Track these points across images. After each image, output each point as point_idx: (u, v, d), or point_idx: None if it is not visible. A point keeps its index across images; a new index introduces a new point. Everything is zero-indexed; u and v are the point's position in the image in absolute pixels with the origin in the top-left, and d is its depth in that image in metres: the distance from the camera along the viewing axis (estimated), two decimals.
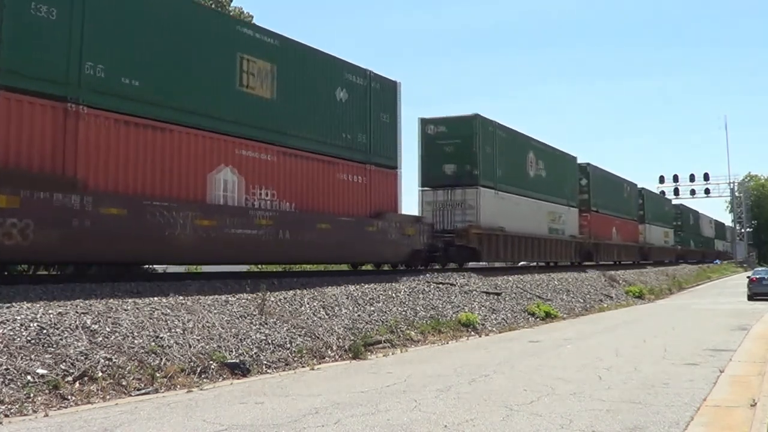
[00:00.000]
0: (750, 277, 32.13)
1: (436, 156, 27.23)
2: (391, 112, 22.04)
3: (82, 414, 7.98)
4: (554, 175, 35.24)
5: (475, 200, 26.68)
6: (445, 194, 27.01)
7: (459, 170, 26.95)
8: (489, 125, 28.41)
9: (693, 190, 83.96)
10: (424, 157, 27.66)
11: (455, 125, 27.46)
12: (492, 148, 28.12)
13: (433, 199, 27.06)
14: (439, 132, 27.54)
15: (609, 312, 25.58)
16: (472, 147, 26.99)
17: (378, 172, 20.90)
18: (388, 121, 21.69)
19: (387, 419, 7.78)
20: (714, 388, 9.88)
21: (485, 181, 27.31)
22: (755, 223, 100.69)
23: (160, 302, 11.85)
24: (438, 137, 27.48)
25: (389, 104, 21.95)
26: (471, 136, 27.16)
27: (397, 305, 16.96)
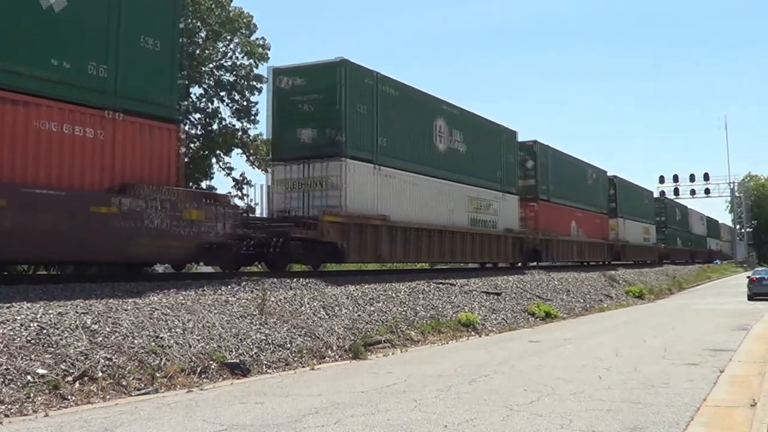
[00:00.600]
0: (750, 277, 32.12)
1: (291, 118, 20.49)
2: (164, 34, 15.10)
3: (82, 414, 7.98)
4: (480, 151, 27.82)
5: (339, 177, 19.48)
6: (302, 169, 20.07)
7: (319, 137, 19.94)
8: (365, 76, 20.87)
9: (693, 190, 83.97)
10: (276, 120, 21.19)
11: (316, 75, 20.46)
12: (370, 108, 20.80)
13: (286, 176, 20.31)
14: (296, 86, 20.52)
15: (609, 312, 25.57)
16: (335, 104, 19.77)
17: (131, 123, 14.28)
18: (157, 48, 14.85)
19: (387, 419, 7.78)
20: (714, 388, 9.87)
21: (357, 152, 20.25)
22: (755, 223, 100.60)
23: (160, 302, 11.86)
24: (293, 92, 20.52)
25: (159, 20, 15.04)
26: (335, 89, 19.82)
27: (397, 305, 16.96)
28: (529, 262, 33.09)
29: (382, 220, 20.97)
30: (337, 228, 19.29)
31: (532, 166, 34.13)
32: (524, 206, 32.62)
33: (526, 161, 33.91)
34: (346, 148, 19.76)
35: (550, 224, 34.67)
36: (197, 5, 25.01)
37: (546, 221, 34.32)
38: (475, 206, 27.38)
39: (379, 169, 21.22)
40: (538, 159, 34.40)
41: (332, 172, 19.58)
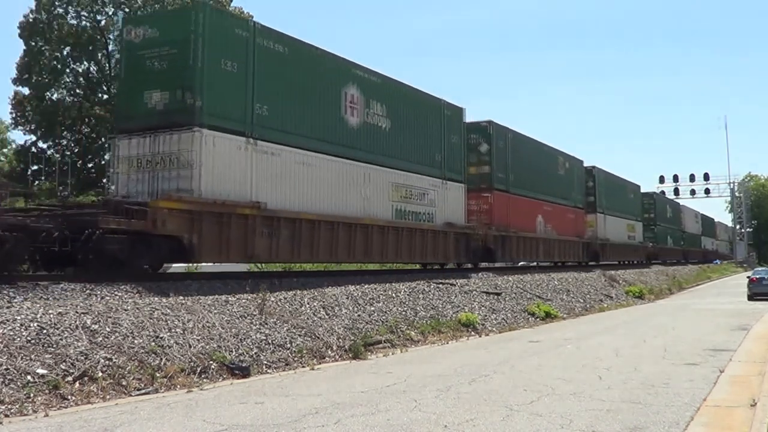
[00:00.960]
0: (750, 277, 32.12)
1: (140, 78, 16.06)
2: None
3: (82, 414, 7.99)
4: (412, 130, 22.80)
5: (190, 152, 15.11)
6: (148, 143, 15.71)
7: (171, 101, 15.57)
8: (235, 25, 16.75)
9: (693, 190, 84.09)
10: (123, 81, 17.29)
11: (169, 24, 16.51)
12: (243, 66, 16.32)
13: (130, 152, 15.84)
14: (147, 38, 16.18)
15: (609, 312, 25.58)
16: (189, 59, 15.40)
17: None
18: None
19: (387, 419, 7.78)
20: (714, 388, 9.87)
21: (220, 121, 15.68)
22: (755, 223, 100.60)
23: (160, 302, 11.86)
24: (144, 46, 16.12)
25: None
26: (189, 40, 15.46)
27: (397, 305, 16.96)
28: (482, 262, 28.10)
29: (254, 209, 16.23)
30: (182, 218, 14.73)
31: (486, 150, 28.21)
32: (476, 197, 27.50)
33: (479, 145, 28.13)
34: (202, 116, 15.25)
35: (508, 219, 29.18)
36: None
37: (503, 215, 28.84)
38: (402, 195, 22.07)
39: (255, 144, 16.50)
40: (493, 142, 28.62)
41: (183, 145, 15.20)
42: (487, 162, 28.52)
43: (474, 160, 28.02)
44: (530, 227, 31.97)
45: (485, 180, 28.32)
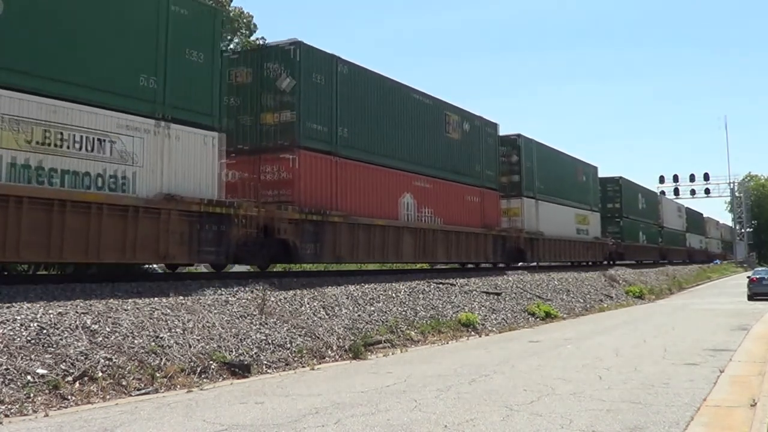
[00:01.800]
0: (750, 277, 32.11)
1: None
2: None
3: (82, 414, 7.98)
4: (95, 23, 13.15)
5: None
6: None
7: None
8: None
9: (693, 190, 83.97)
10: None
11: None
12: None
13: None
14: None
15: (609, 312, 25.57)
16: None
17: None
18: None
19: (387, 419, 7.77)
20: (714, 388, 9.87)
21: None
22: (755, 223, 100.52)
23: (160, 302, 11.86)
24: None
25: None
26: None
27: (397, 305, 16.96)
28: (276, 263, 19.67)
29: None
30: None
31: (290, 86, 17.88)
32: (274, 161, 17.85)
33: (279, 72, 18.00)
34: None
35: (328, 193, 18.74)
36: None
37: (318, 186, 18.35)
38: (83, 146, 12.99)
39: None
40: (302, 72, 17.99)
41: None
42: (291, 105, 17.95)
43: (274, 104, 18.25)
44: (389, 211, 21.26)
45: (286, 133, 17.85)
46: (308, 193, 18.05)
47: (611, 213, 47.16)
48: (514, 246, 30.02)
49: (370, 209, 20.36)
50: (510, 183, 31.10)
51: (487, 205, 28.09)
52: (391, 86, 22.16)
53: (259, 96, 18.09)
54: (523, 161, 31.82)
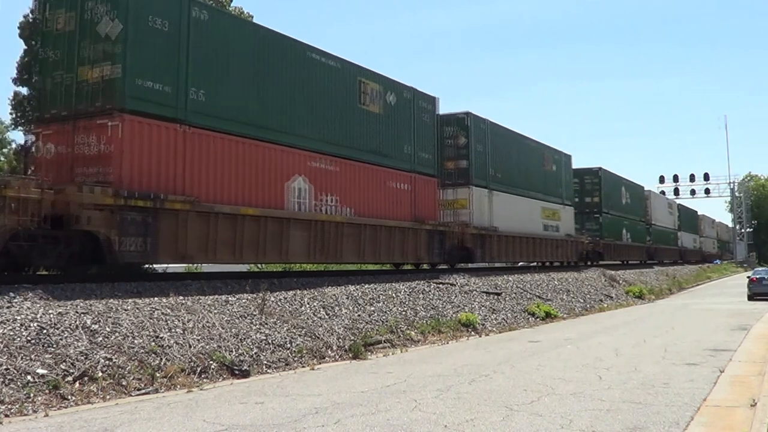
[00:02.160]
0: (750, 277, 32.11)
1: None
2: None
3: (82, 414, 7.99)
4: None
5: None
6: None
7: None
8: None
9: (693, 190, 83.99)
10: None
11: None
12: None
13: None
14: None
15: (609, 312, 25.57)
16: None
17: None
18: None
19: (387, 419, 7.77)
20: (714, 388, 9.87)
21: None
22: (755, 223, 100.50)
23: (160, 302, 11.86)
24: None
25: None
26: None
27: (397, 305, 16.96)
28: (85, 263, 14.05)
29: None
30: None
31: (114, 32, 13.69)
32: (91, 129, 13.79)
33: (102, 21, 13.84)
34: None
35: (172, 173, 14.43)
36: None
37: (154, 163, 14.12)
38: None
39: None
40: (128, 15, 13.77)
41: None
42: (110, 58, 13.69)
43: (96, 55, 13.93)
44: (273, 199, 16.79)
45: (108, 94, 13.59)
46: (138, 172, 13.76)
47: (589, 208, 42.77)
48: (457, 243, 24.78)
49: (238, 195, 15.84)
50: (457, 170, 26.15)
51: (421, 194, 22.87)
52: (274, 40, 17.38)
53: (79, 46, 14.13)
54: (472, 144, 26.44)
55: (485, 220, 26.79)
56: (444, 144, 25.72)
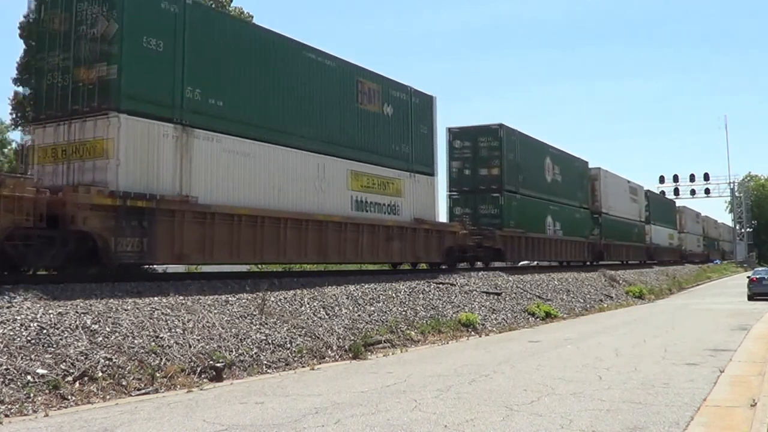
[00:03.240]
0: (750, 277, 32.12)
1: None
2: None
3: (82, 414, 7.99)
4: None
5: None
6: None
7: None
8: None
9: (693, 190, 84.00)
10: None
11: None
12: None
13: None
14: None
15: (609, 312, 25.58)
16: None
17: None
18: None
19: (387, 419, 7.78)
20: (714, 388, 9.87)
21: None
22: (755, 223, 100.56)
23: (160, 302, 11.86)
24: None
25: None
26: None
27: (397, 305, 16.96)
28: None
29: None
30: None
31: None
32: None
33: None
34: None
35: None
36: None
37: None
38: None
39: None
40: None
41: None
42: None
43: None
44: None
45: None
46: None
47: (486, 184, 29.43)
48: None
49: None
50: None
51: None
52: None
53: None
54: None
55: (164, 182, 14.44)
56: None
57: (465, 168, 29.95)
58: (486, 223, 28.80)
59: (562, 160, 36.77)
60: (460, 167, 29.94)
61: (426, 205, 23.62)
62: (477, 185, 29.78)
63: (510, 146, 30.31)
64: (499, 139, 29.83)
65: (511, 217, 29.95)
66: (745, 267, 77.37)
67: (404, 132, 22.94)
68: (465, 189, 29.95)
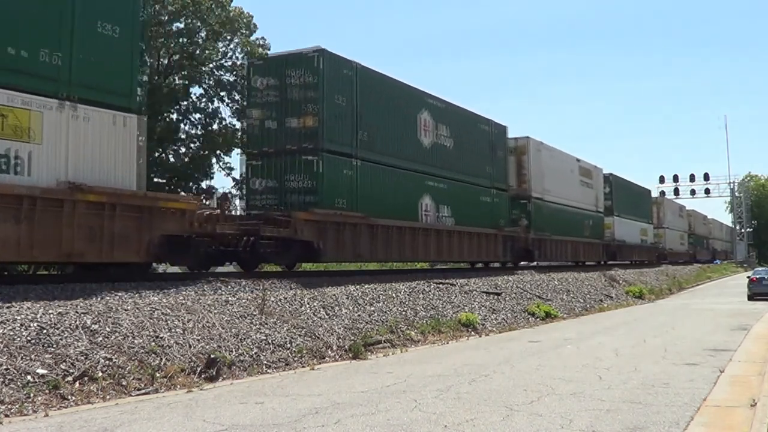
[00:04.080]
0: (750, 277, 32.11)
1: None
2: None
3: (82, 414, 7.98)
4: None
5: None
6: None
7: None
8: None
9: (693, 190, 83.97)
10: None
11: None
12: None
13: None
14: None
15: (609, 312, 25.56)
16: None
17: None
18: None
19: (387, 419, 7.77)
20: (714, 388, 9.87)
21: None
22: (755, 223, 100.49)
23: (160, 302, 11.86)
24: None
25: None
26: None
27: (397, 305, 16.95)
28: None
29: None
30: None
31: None
32: None
33: None
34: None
35: None
36: (197, 5, 25.01)
37: None
38: None
39: None
40: None
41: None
42: None
43: None
44: None
45: None
46: None
47: (295, 141, 19.43)
48: None
49: None
50: None
51: None
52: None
53: None
54: None
55: None
56: None
57: (269, 118, 19.83)
58: (296, 202, 18.96)
59: (454, 118, 25.92)
60: (262, 117, 19.96)
61: (107, 161, 13.53)
62: (284, 144, 19.47)
63: (337, 84, 19.75)
64: (318, 73, 19.15)
65: (338, 192, 19.50)
66: (745, 267, 77.33)
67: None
68: (268, 150, 19.80)
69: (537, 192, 32.70)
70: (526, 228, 31.02)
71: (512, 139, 31.65)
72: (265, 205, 19.57)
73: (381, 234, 21.00)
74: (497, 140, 29.54)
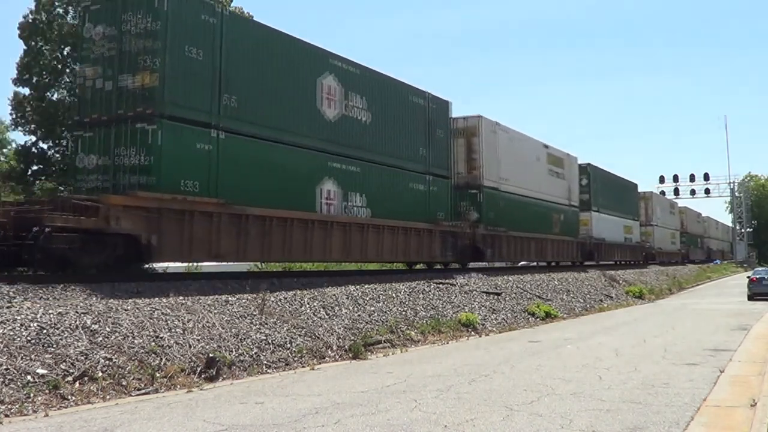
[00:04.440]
0: (750, 277, 32.12)
1: None
2: None
3: (82, 414, 7.98)
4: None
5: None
6: None
7: None
8: None
9: (693, 190, 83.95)
10: None
11: None
12: None
13: None
14: None
15: (609, 312, 25.57)
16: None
17: None
18: None
19: (387, 419, 7.77)
20: (714, 388, 9.87)
21: None
22: (755, 223, 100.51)
23: (160, 302, 11.85)
24: None
25: None
26: None
27: (397, 305, 16.95)
28: None
29: None
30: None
31: None
32: None
33: None
34: None
35: None
36: None
37: None
38: None
39: None
40: None
41: None
42: None
43: None
44: None
45: None
46: None
47: (129, 106, 14.52)
48: None
49: None
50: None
51: None
52: None
53: None
54: None
55: None
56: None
57: (101, 77, 15.09)
58: (132, 184, 14.38)
59: (373, 87, 20.99)
60: (94, 76, 15.15)
61: None
62: (117, 109, 14.82)
63: (190, 32, 15.02)
64: (161, 16, 14.48)
65: (186, 172, 14.82)
66: (745, 267, 77.33)
67: None
68: (100, 117, 15.00)
69: (491, 180, 27.54)
70: (475, 222, 26.13)
71: (461, 118, 26.69)
72: (95, 188, 14.72)
73: (254, 227, 16.08)
74: (437, 117, 24.04)
